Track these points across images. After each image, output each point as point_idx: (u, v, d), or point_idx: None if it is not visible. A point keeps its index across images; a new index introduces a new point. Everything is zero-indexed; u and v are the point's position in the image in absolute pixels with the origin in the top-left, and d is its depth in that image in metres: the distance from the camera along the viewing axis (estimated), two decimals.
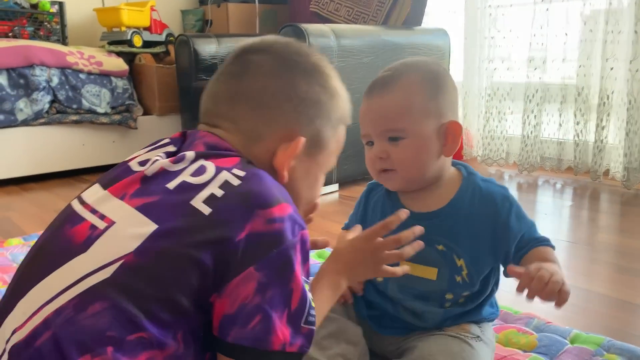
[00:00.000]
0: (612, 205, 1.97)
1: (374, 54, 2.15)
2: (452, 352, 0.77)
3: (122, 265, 0.52)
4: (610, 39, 2.11)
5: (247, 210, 0.56)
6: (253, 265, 0.55)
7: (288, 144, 0.66)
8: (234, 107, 0.66)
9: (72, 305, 0.51)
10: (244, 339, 0.55)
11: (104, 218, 0.56)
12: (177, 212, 0.55)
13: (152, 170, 0.59)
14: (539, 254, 0.78)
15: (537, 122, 2.38)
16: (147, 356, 0.51)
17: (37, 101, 2.40)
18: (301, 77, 0.67)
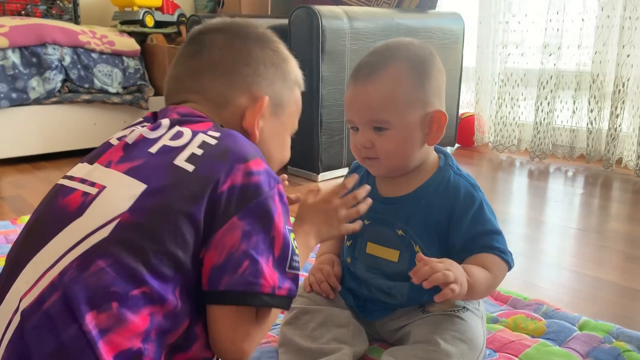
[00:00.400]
0: (624, 193, 1.95)
1: (387, 37, 2.12)
2: (444, 328, 0.79)
3: (119, 223, 0.55)
4: (628, 25, 2.07)
5: (226, 165, 0.60)
6: (236, 215, 0.59)
7: (254, 104, 0.71)
8: (198, 80, 0.71)
9: (75, 265, 0.53)
10: (235, 285, 0.58)
11: (94, 185, 0.59)
12: (163, 172, 0.59)
13: (133, 137, 0.63)
14: (477, 260, 0.80)
15: (550, 109, 2.36)
16: (149, 311, 0.54)
17: (50, 80, 2.40)
18: (254, 44, 0.73)
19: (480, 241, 0.81)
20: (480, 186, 0.85)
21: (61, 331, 0.51)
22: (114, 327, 0.52)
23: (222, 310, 0.60)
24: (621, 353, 0.87)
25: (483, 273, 0.78)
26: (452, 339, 0.77)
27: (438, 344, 0.76)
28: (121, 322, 0.52)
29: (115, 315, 0.52)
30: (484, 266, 0.79)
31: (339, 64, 2.01)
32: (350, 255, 0.90)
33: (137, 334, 0.53)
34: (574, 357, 0.86)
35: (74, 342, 0.50)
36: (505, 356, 0.86)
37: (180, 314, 0.57)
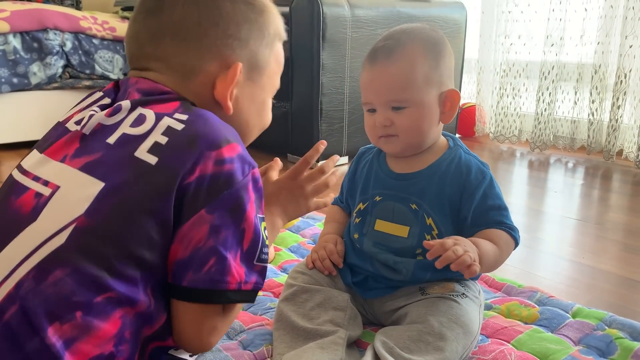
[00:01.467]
0: (624, 185, 1.95)
1: (389, 26, 2.12)
2: (440, 310, 0.80)
3: (75, 228, 0.50)
4: (631, 16, 2.06)
5: (195, 153, 0.54)
6: (204, 207, 0.54)
7: (225, 72, 0.62)
8: (159, 45, 0.62)
9: (32, 276, 0.49)
10: (199, 282, 0.55)
11: (48, 184, 0.54)
12: (123, 166, 0.53)
13: (90, 127, 0.57)
14: (486, 234, 0.83)
15: (552, 99, 2.35)
16: (119, 314, 0.51)
17: (51, 65, 2.40)
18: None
19: (490, 216, 0.85)
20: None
21: (23, 344, 0.48)
22: (80, 336, 0.49)
23: (186, 305, 0.57)
24: (613, 340, 0.87)
25: (491, 247, 0.81)
26: (447, 322, 0.78)
27: (432, 326, 0.76)
28: (88, 330, 0.49)
29: (81, 325, 0.49)
30: (493, 241, 0.83)
31: (339, 52, 2.01)
32: (359, 231, 0.91)
33: (107, 339, 0.50)
34: (566, 343, 0.86)
35: (38, 355, 0.48)
36: (498, 342, 0.87)
37: (154, 311, 0.55)
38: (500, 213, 0.86)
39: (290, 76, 2.08)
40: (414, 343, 0.75)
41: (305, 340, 0.79)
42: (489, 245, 0.81)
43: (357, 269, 0.91)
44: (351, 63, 2.04)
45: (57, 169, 0.55)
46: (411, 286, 0.87)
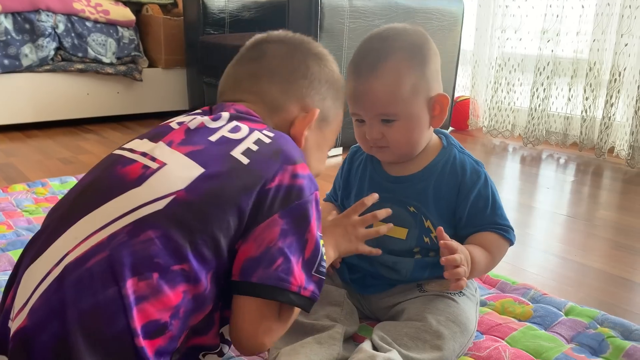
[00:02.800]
0: (615, 182, 1.97)
1: (387, 17, 2.11)
2: (438, 309, 0.81)
3: (174, 199, 0.57)
4: (627, 14, 2.07)
5: (277, 164, 0.63)
6: (278, 212, 0.61)
7: (305, 115, 0.74)
8: (256, 82, 0.74)
9: (127, 231, 0.55)
10: (268, 279, 0.60)
11: (155, 160, 0.61)
12: (220, 160, 0.61)
13: (194, 124, 0.66)
14: (479, 239, 0.85)
15: (546, 95, 2.36)
16: (183, 289, 0.56)
17: (43, 47, 2.37)
18: (313, 60, 0.76)
19: (484, 216, 0.86)
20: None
21: (100, 290, 0.52)
22: (150, 297, 0.54)
23: (249, 301, 0.61)
24: (605, 339, 0.89)
25: (483, 256, 0.83)
26: (445, 320, 0.79)
27: (430, 324, 0.77)
28: (157, 293, 0.54)
29: (154, 286, 0.54)
30: (485, 247, 0.84)
31: (337, 43, 2.00)
32: None
33: (168, 308, 0.55)
34: (559, 341, 0.88)
35: (110, 303, 0.52)
36: (492, 338, 0.88)
37: (207, 297, 0.59)
38: (495, 213, 0.86)
39: None
40: (412, 340, 0.75)
41: (303, 335, 0.79)
42: (480, 253, 0.83)
43: (355, 268, 0.92)
44: (348, 54, 2.04)
45: (165, 150, 0.62)
46: (409, 284, 0.88)
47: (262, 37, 0.79)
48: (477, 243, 0.85)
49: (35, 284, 0.55)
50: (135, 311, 0.52)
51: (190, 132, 0.65)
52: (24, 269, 0.58)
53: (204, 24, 2.55)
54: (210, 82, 2.55)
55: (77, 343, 0.50)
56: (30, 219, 1.34)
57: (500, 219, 0.86)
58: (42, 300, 0.53)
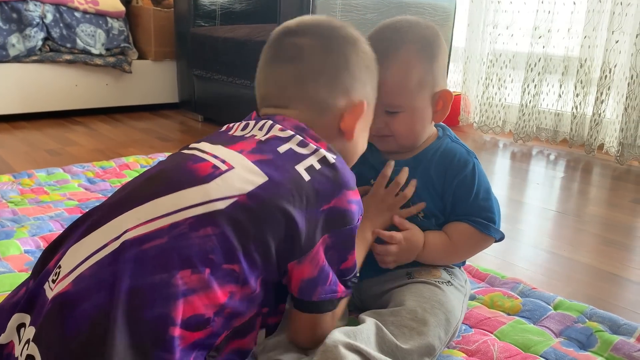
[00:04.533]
0: (604, 179, 1.98)
1: (378, 11, 2.10)
2: (424, 296, 0.80)
3: (236, 202, 0.59)
4: (618, 11, 2.07)
5: (336, 188, 0.66)
6: (328, 233, 0.65)
7: (353, 107, 0.74)
8: (302, 87, 0.73)
9: (188, 223, 0.57)
10: (325, 295, 0.67)
11: (225, 162, 0.63)
12: (284, 172, 0.63)
13: (265, 136, 0.68)
14: (450, 228, 0.87)
15: (537, 91, 2.37)
16: (230, 289, 0.58)
17: (30, 37, 2.34)
18: (349, 47, 0.75)
19: (465, 205, 0.86)
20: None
21: (151, 274, 0.54)
22: (199, 291, 0.55)
23: (307, 315, 0.69)
24: (593, 333, 0.89)
25: (440, 244, 0.86)
26: (431, 308, 0.78)
27: (416, 311, 0.77)
28: (206, 288, 0.56)
29: (205, 281, 0.56)
30: (451, 236, 0.86)
31: None
32: None
33: (213, 305, 0.57)
34: (547, 335, 0.88)
35: (156, 288, 0.54)
36: (481, 332, 0.87)
37: (254, 300, 0.62)
38: (476, 204, 0.85)
39: None
40: (397, 328, 0.75)
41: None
42: (438, 241, 0.86)
43: None
44: None
45: (235, 156, 0.64)
46: (398, 270, 0.88)
47: (289, 30, 0.77)
48: (445, 231, 0.87)
49: (88, 253, 0.57)
50: (181, 301, 0.54)
51: (261, 142, 0.67)
52: (76, 239, 0.60)
53: (194, 16, 2.53)
54: (200, 74, 2.53)
55: (117, 318, 0.52)
56: (15, 210, 1.32)
57: (482, 211, 0.86)
58: (93, 269, 0.55)
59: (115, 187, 1.56)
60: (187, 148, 0.70)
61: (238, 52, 2.26)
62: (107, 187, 1.56)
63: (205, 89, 2.55)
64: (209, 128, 2.53)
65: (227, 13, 2.60)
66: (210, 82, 2.49)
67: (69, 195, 1.46)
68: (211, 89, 2.50)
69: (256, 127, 0.71)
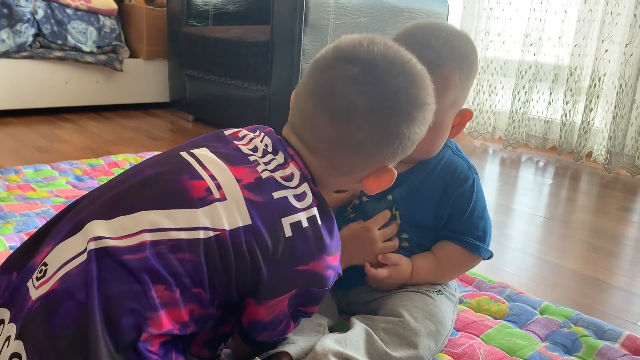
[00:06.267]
0: (591, 186, 2.00)
1: (372, 15, 2.11)
2: (415, 306, 0.80)
3: (217, 236, 0.59)
4: (609, 21, 2.10)
5: (316, 252, 0.64)
6: (296, 289, 0.64)
7: (379, 174, 0.70)
8: (336, 152, 0.67)
9: (169, 245, 0.58)
10: (271, 338, 0.69)
11: (220, 189, 0.62)
12: (269, 222, 0.62)
13: (266, 175, 0.65)
14: (438, 248, 0.86)
15: (527, 99, 2.38)
16: (191, 307, 0.60)
17: (21, 33, 2.32)
18: (405, 123, 0.66)
19: (459, 222, 0.85)
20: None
21: (128, 284, 0.55)
22: (167, 307, 0.57)
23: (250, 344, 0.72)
24: (579, 338, 0.89)
25: (429, 268, 0.86)
26: (422, 318, 0.78)
27: (407, 321, 0.77)
28: (175, 305, 0.58)
29: (174, 299, 0.58)
30: (439, 258, 0.86)
31: (321, 38, 1.99)
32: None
33: (179, 322, 0.59)
34: (533, 339, 0.88)
35: (132, 298, 0.55)
36: (467, 335, 0.88)
37: (210, 318, 0.63)
38: (470, 222, 0.84)
39: (269, 60, 2.05)
40: (388, 336, 0.75)
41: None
42: (425, 265, 0.86)
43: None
44: None
45: (232, 186, 0.62)
46: None
47: (351, 72, 0.65)
48: (434, 252, 0.87)
49: (74, 253, 0.57)
50: (153, 314, 0.56)
51: (260, 181, 0.64)
52: (63, 236, 0.59)
53: (187, 16, 2.52)
54: (192, 74, 2.52)
55: (96, 320, 0.53)
56: (1, 206, 1.30)
57: (475, 230, 0.85)
58: (80, 269, 0.56)
59: None
60: (185, 150, 0.66)
61: (230, 52, 2.25)
62: (95, 185, 1.54)
63: (196, 89, 2.54)
64: (199, 128, 2.52)
65: (220, 13, 2.59)
66: (201, 82, 2.48)
67: (56, 192, 1.45)
68: (203, 89, 2.49)
69: (265, 155, 0.66)
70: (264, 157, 0.66)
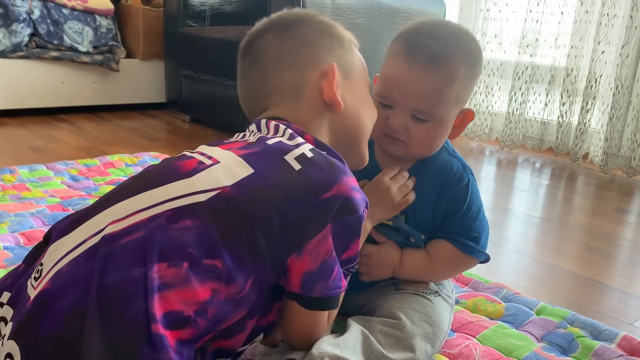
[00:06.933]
0: (588, 187, 2.00)
1: (368, 16, 2.11)
2: (412, 308, 0.80)
3: (219, 194, 0.57)
4: (605, 22, 2.10)
5: (334, 174, 0.62)
6: (331, 223, 0.61)
7: (326, 76, 0.71)
8: (267, 82, 0.72)
9: (167, 215, 0.55)
10: (330, 291, 0.64)
11: (211, 158, 0.62)
12: (272, 163, 0.61)
13: (255, 136, 0.67)
14: (433, 245, 0.86)
15: (524, 100, 2.38)
16: (212, 286, 0.55)
17: (17, 33, 2.31)
18: (300, 26, 0.74)
19: (452, 221, 0.84)
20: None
21: (127, 269, 0.52)
22: (175, 286, 0.53)
23: (308, 313, 0.65)
24: (575, 338, 0.89)
25: (419, 262, 0.85)
26: (419, 320, 0.78)
27: (404, 323, 0.76)
28: (184, 284, 0.53)
29: (182, 275, 0.53)
30: (431, 255, 0.85)
31: None
32: None
33: (193, 302, 0.54)
34: (529, 340, 0.88)
35: (132, 284, 0.52)
36: (463, 336, 0.87)
37: (243, 302, 0.58)
38: (464, 222, 0.84)
39: None
40: (385, 337, 0.74)
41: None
42: (416, 260, 0.85)
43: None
44: None
45: (222, 152, 0.63)
46: (385, 282, 0.87)
47: (246, 41, 0.76)
48: (427, 249, 0.86)
49: (67, 250, 0.56)
50: (157, 297, 0.51)
51: (251, 142, 0.66)
52: (59, 235, 0.59)
53: (184, 16, 2.52)
54: (188, 74, 2.51)
55: (93, 316, 0.50)
56: None
57: (468, 230, 0.84)
58: (71, 265, 0.54)
59: (99, 185, 1.54)
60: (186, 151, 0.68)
61: (227, 53, 2.25)
62: (91, 185, 1.54)
63: (193, 90, 2.53)
64: (196, 129, 2.51)
65: (217, 14, 2.59)
66: (198, 83, 2.47)
67: (51, 192, 1.44)
68: (199, 90, 2.49)
69: (249, 134, 0.70)
70: (249, 134, 0.69)
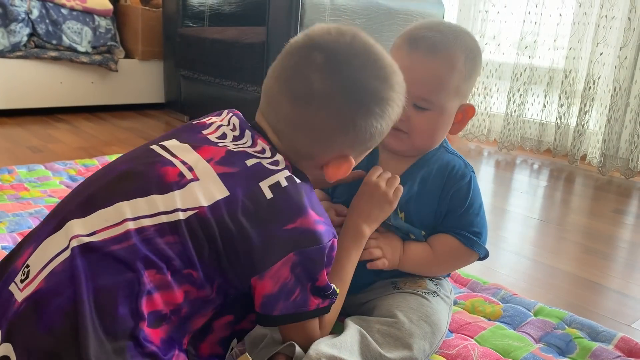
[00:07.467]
0: (586, 189, 2.00)
1: (367, 17, 2.11)
2: (411, 307, 0.80)
3: (196, 214, 0.61)
4: (603, 24, 2.10)
5: (301, 207, 0.64)
6: (294, 251, 0.63)
7: (339, 162, 0.71)
8: (296, 132, 0.69)
9: (155, 229, 0.59)
10: (288, 310, 0.66)
11: (192, 171, 0.63)
12: (247, 189, 0.63)
13: (237, 149, 0.67)
14: (436, 239, 0.86)
15: (522, 101, 2.39)
16: (186, 289, 0.60)
17: (15, 33, 2.31)
18: (360, 114, 0.68)
19: (454, 217, 0.85)
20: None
21: (120, 273, 0.56)
22: (161, 289, 0.58)
23: (287, 327, 0.70)
24: (572, 339, 0.89)
25: (421, 254, 0.85)
26: (417, 319, 0.78)
27: (402, 322, 0.76)
28: (168, 288, 0.59)
29: (167, 281, 0.59)
30: (434, 246, 0.85)
31: None
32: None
33: (172, 303, 0.59)
34: (527, 340, 0.88)
35: (124, 287, 0.56)
36: (462, 337, 0.88)
37: (210, 303, 0.63)
38: (466, 218, 0.85)
39: (265, 61, 2.05)
40: (383, 337, 0.75)
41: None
42: (419, 251, 0.85)
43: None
44: None
45: (203, 165, 0.64)
46: (384, 281, 0.87)
47: (313, 59, 0.66)
48: (430, 241, 0.86)
49: (57, 251, 0.58)
50: (145, 299, 0.57)
51: (231, 153, 0.66)
52: (44, 236, 0.60)
53: (183, 17, 2.52)
54: (187, 75, 2.51)
55: (87, 313, 0.54)
56: None
57: (469, 225, 0.85)
58: (65, 265, 0.56)
59: None
60: (155, 144, 0.68)
61: (226, 53, 2.25)
62: None
63: (191, 90, 2.53)
64: None
65: (215, 14, 2.59)
66: (197, 83, 2.47)
67: (49, 192, 1.44)
68: (198, 90, 2.49)
69: (235, 140, 0.68)
70: (234, 141, 0.68)
